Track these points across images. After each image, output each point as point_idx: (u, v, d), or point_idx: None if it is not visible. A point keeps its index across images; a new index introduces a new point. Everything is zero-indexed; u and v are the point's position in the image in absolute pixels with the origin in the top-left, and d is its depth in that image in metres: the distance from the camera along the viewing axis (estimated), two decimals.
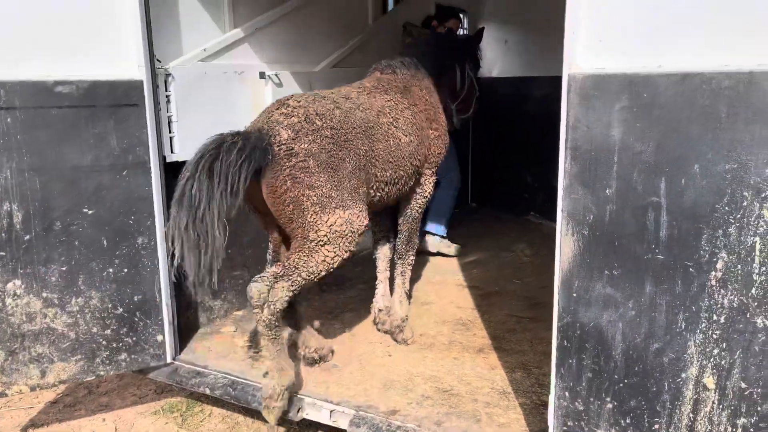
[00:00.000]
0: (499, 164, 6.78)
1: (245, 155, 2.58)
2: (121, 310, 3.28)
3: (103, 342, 3.26)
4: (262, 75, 4.14)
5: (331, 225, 2.81)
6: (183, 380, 3.43)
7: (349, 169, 2.89)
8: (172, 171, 3.63)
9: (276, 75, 4.17)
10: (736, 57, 1.92)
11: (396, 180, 3.30)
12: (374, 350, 3.71)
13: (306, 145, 2.74)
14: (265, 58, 4.30)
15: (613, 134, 2.11)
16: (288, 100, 2.93)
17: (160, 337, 3.42)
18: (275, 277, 2.80)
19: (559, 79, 2.21)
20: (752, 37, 1.90)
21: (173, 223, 2.56)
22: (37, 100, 2.94)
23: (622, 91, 2.07)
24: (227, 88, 3.96)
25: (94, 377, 3.34)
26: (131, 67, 3.15)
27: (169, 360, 3.49)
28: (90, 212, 3.14)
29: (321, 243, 2.83)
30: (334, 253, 2.87)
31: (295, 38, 4.57)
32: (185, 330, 3.79)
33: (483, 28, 4.83)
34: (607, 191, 2.15)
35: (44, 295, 3.08)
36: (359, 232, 2.95)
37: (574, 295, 2.28)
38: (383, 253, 3.92)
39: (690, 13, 1.97)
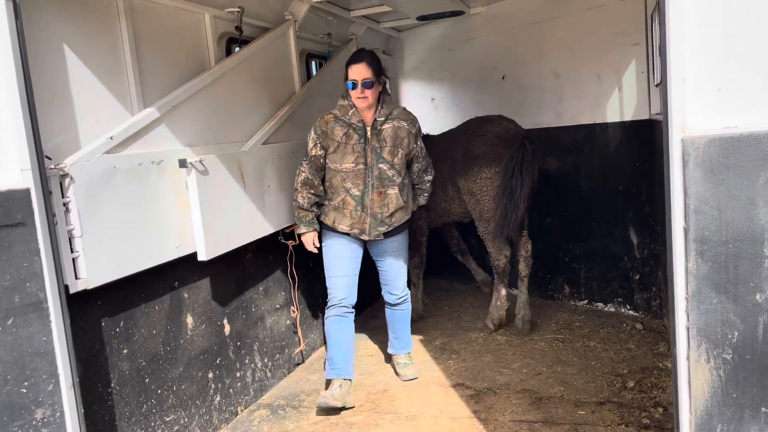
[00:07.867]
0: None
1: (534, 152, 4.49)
2: None
3: None
4: (182, 163, 3.26)
5: None
6: None
7: None
8: (78, 305, 2.68)
9: (200, 161, 3.31)
10: None
11: None
12: None
13: None
14: (186, 141, 3.45)
15: (760, 217, 1.50)
16: (502, 121, 4.87)
17: None
18: (527, 235, 4.96)
19: None
20: None
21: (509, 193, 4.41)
22: None
23: None
24: (144, 182, 3.06)
25: None
26: (10, 172, 2.22)
27: None
28: None
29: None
30: None
31: (218, 115, 3.75)
32: None
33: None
34: (757, 296, 1.53)
35: None
36: None
37: None
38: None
39: None
